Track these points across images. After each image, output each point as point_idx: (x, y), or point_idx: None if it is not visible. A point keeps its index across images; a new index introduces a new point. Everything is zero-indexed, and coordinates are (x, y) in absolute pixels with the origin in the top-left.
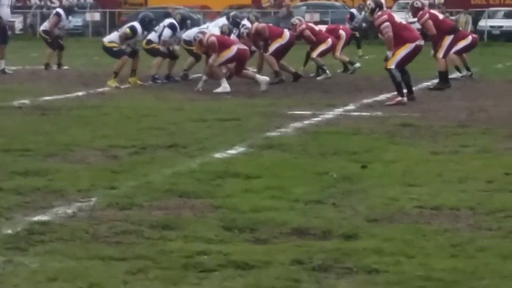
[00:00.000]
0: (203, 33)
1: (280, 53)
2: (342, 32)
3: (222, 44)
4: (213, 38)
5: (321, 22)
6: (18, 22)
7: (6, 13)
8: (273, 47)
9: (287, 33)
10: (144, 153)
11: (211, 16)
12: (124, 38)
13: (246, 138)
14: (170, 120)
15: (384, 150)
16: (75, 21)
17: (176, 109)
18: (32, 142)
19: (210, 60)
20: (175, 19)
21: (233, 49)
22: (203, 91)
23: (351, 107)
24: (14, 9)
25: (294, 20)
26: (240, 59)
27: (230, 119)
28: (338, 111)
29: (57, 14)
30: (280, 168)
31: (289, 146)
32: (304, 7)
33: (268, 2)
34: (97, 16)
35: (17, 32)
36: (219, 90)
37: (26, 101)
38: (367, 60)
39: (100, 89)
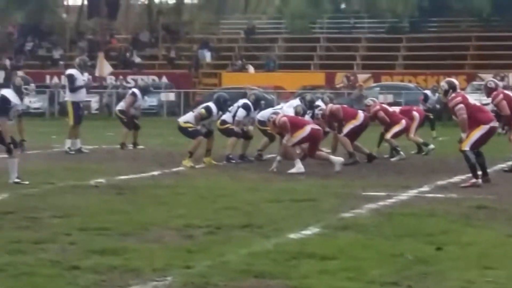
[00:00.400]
0: (276, 113)
1: (354, 134)
2: (415, 113)
3: (295, 125)
4: (284, 119)
5: (395, 103)
6: (94, 102)
7: (82, 93)
8: (347, 128)
9: (361, 115)
10: (219, 233)
11: (285, 96)
12: (199, 119)
13: (320, 219)
14: (245, 200)
15: (460, 232)
16: (150, 101)
17: (251, 189)
18: (108, 221)
19: (284, 141)
20: (249, 99)
21: (307, 130)
22: (278, 171)
23: (425, 188)
24: (90, 88)
25: (368, 101)
26: (313, 140)
27: (304, 200)
28: (413, 192)
29: (133, 94)
30: (355, 249)
31: (363, 227)
32: (378, 88)
33: (342, 83)
34: (172, 96)
35: (93, 111)
36: (293, 170)
37: (103, 180)
38: (441, 142)
39: (175, 169)
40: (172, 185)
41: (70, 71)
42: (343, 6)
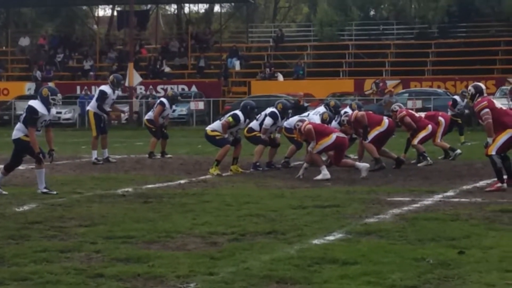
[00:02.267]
0: (302, 121)
1: (379, 140)
2: (441, 118)
3: (320, 132)
4: (309, 126)
5: (423, 109)
6: None
7: (106, 106)
8: (372, 134)
9: (386, 121)
10: (243, 239)
11: (314, 104)
12: (227, 127)
13: (344, 225)
14: (270, 207)
15: (482, 236)
16: (180, 110)
17: (276, 196)
18: (134, 229)
19: (309, 148)
20: (276, 107)
21: (332, 137)
22: (304, 178)
23: (450, 193)
24: (120, 98)
25: (394, 106)
26: (339, 147)
27: (329, 206)
28: (437, 197)
29: (161, 103)
30: (377, 254)
31: (387, 232)
32: (407, 94)
33: (371, 89)
34: (201, 105)
35: (123, 121)
36: (319, 177)
37: (130, 189)
38: (469, 147)
39: (202, 177)
40: (198, 193)
41: (103, 87)
42: (372, 13)
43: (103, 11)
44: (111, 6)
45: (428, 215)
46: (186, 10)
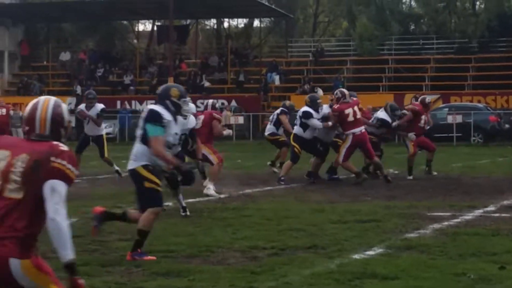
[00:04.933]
0: None
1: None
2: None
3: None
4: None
5: (464, 123)
6: None
7: None
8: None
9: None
10: (283, 254)
11: None
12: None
13: (384, 239)
14: (310, 221)
15: None
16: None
17: (316, 211)
18: (174, 244)
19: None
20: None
21: (349, 139)
22: (343, 192)
23: (491, 208)
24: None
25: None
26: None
27: (369, 221)
28: (478, 212)
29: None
30: (417, 269)
31: (427, 247)
32: (446, 109)
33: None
34: (240, 119)
35: None
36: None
37: (170, 204)
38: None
39: (242, 192)
40: (238, 207)
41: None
42: (411, 27)
43: (143, 26)
44: (151, 21)
45: (468, 230)
46: (226, 24)
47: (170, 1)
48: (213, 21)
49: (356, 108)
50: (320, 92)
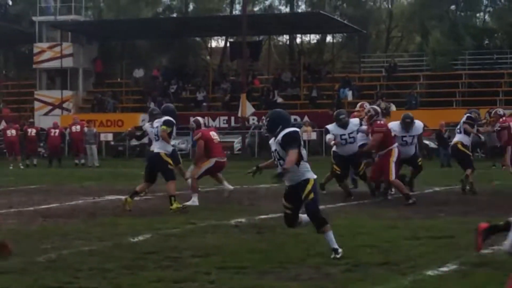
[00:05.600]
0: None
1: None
2: None
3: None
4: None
5: None
6: (237, 143)
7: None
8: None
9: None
10: (356, 270)
11: (427, 134)
12: None
13: (459, 256)
14: (383, 237)
15: None
16: None
17: (389, 227)
18: (247, 260)
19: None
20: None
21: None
22: (417, 209)
23: None
24: (232, 129)
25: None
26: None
27: (443, 237)
28: None
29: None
30: (491, 286)
31: (502, 263)
32: None
33: (484, 119)
34: (313, 135)
35: (235, 152)
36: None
37: (243, 220)
38: None
39: None
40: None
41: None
42: (485, 42)
43: (216, 42)
44: (224, 37)
45: None
46: (298, 40)
47: (243, 17)
48: (286, 37)
49: None
50: (393, 107)
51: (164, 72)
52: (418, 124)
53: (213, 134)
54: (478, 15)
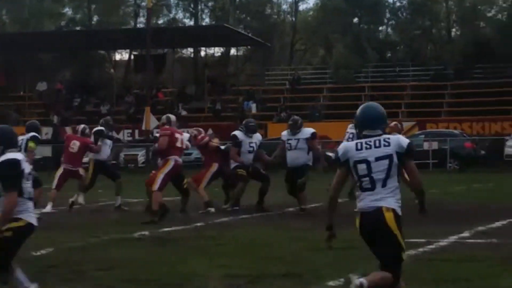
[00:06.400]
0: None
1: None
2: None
3: None
4: None
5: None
6: (140, 155)
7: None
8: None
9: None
10: (259, 281)
11: (330, 146)
12: None
13: (360, 266)
14: (287, 249)
15: (498, 277)
16: (197, 153)
17: (293, 239)
18: (151, 273)
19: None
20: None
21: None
22: (321, 220)
23: (465, 234)
24: (136, 142)
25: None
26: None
27: (346, 248)
28: (453, 238)
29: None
30: None
31: (402, 274)
32: (423, 136)
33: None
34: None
35: (139, 165)
36: None
37: (146, 233)
38: (486, 188)
39: (218, 220)
40: (214, 236)
41: None
42: (388, 54)
43: (120, 55)
44: (128, 50)
45: (443, 256)
46: (203, 53)
47: (147, 30)
48: (190, 50)
49: None
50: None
51: (68, 85)
52: (307, 129)
53: (179, 136)
54: (380, 28)
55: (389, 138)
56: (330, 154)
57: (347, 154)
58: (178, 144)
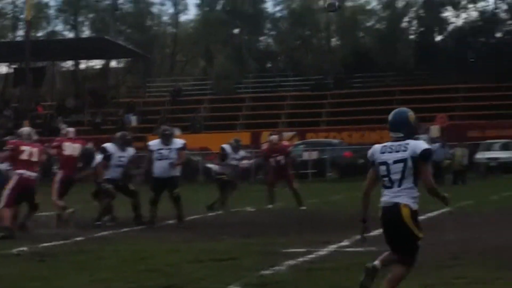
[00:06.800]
0: None
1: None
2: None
3: None
4: None
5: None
6: None
7: None
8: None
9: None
10: None
11: (211, 157)
12: None
13: (241, 277)
14: (167, 261)
15: (376, 284)
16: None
17: (172, 251)
18: None
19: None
20: None
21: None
22: (200, 231)
23: (345, 243)
24: None
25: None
26: None
27: (225, 259)
28: (333, 247)
29: None
30: None
31: (283, 283)
32: (302, 146)
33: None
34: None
35: None
36: None
37: (25, 248)
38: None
39: (99, 234)
40: (94, 250)
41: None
42: (268, 65)
43: None
44: (7, 63)
45: (323, 265)
46: (83, 66)
47: (26, 43)
48: (70, 62)
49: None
50: (177, 131)
51: None
52: (179, 140)
53: (25, 148)
54: (261, 38)
55: (408, 144)
56: (211, 165)
57: (373, 155)
58: (24, 157)
